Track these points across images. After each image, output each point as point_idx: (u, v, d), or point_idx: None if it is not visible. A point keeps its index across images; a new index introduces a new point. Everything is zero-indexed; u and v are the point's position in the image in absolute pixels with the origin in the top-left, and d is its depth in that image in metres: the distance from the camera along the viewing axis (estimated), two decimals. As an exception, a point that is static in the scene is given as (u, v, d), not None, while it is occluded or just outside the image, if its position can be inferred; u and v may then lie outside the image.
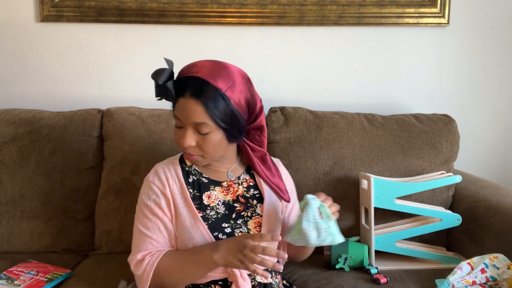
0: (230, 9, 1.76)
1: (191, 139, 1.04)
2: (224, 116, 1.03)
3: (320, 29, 1.79)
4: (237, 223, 1.11)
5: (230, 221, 1.11)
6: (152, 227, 1.09)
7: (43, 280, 1.26)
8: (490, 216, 1.35)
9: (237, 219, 1.11)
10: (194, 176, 1.14)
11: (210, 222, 1.09)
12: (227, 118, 1.04)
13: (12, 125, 1.56)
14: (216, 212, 1.11)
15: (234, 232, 1.09)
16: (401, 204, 1.39)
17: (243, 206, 1.13)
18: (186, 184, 1.11)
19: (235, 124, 1.06)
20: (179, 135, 1.06)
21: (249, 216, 1.13)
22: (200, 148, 1.06)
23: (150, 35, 1.78)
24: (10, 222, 1.50)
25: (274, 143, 1.56)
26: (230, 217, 1.11)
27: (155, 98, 1.07)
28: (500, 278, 1.15)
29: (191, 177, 1.14)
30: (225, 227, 1.10)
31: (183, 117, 1.04)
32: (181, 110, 1.04)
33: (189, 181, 1.13)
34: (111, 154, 1.54)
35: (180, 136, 1.05)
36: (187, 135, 1.04)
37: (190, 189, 1.12)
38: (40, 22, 1.77)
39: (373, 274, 1.27)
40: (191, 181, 1.13)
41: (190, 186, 1.12)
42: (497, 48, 1.83)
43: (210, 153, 1.07)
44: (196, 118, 1.02)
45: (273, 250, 0.96)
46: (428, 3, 1.77)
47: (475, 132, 1.86)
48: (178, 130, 1.07)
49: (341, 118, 1.59)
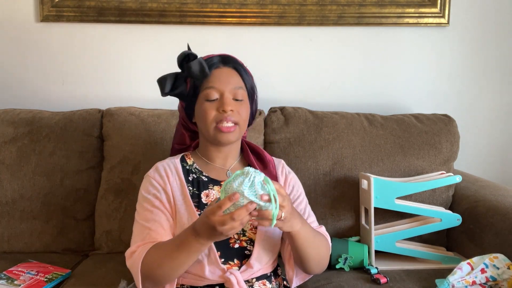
0: (230, 9, 1.76)
1: (232, 103, 1.08)
2: (250, 88, 1.14)
3: (320, 29, 1.79)
4: None
5: None
6: (152, 218, 1.06)
7: (43, 280, 1.26)
8: (490, 216, 1.35)
9: None
10: (194, 174, 1.14)
11: None
12: (252, 91, 1.15)
13: (12, 125, 1.56)
14: None
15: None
16: (401, 204, 1.39)
17: None
18: (186, 182, 1.12)
19: (254, 101, 1.16)
20: (216, 105, 1.08)
21: None
22: (239, 112, 1.09)
23: (150, 35, 1.78)
24: (10, 222, 1.50)
25: (274, 143, 1.56)
26: None
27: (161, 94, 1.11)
28: (500, 278, 1.15)
29: (191, 175, 1.14)
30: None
31: (222, 84, 1.09)
32: (218, 78, 1.09)
33: (189, 179, 1.13)
34: (111, 154, 1.54)
35: (219, 104, 1.08)
36: (228, 99, 1.08)
37: (190, 187, 1.11)
38: (40, 22, 1.77)
39: (373, 274, 1.27)
40: (191, 179, 1.13)
41: (190, 184, 1.12)
42: (497, 48, 1.83)
43: (245, 119, 1.12)
44: (235, 82, 1.10)
45: (242, 212, 0.88)
46: (428, 3, 1.77)
47: (475, 132, 1.86)
48: (211, 104, 1.09)
49: (341, 118, 1.59)
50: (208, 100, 1.09)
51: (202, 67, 1.07)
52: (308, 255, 1.06)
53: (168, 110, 1.61)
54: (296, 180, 1.23)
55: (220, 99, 1.08)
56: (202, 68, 1.08)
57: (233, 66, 1.12)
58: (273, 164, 1.20)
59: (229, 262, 1.06)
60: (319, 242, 1.10)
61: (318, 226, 1.18)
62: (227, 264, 1.06)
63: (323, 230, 1.17)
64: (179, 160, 1.16)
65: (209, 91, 1.09)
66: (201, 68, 1.08)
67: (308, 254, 1.06)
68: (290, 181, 1.20)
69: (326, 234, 1.17)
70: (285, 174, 1.21)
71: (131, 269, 1.04)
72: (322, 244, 1.11)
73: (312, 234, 1.07)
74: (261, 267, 1.08)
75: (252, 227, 1.10)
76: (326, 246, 1.13)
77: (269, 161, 1.19)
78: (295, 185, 1.21)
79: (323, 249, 1.11)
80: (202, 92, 1.10)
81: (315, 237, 1.08)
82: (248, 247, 1.08)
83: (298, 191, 1.20)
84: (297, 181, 1.23)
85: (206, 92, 1.09)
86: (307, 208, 1.20)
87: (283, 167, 1.22)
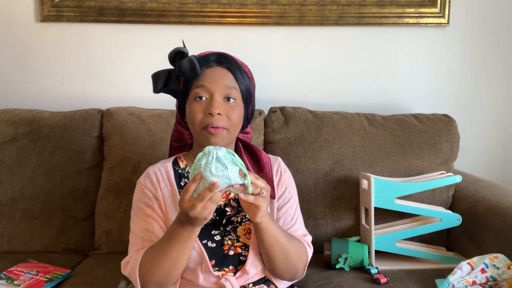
0: (230, 9, 1.76)
1: (220, 106, 1.02)
2: (245, 90, 1.08)
3: (320, 29, 1.79)
4: (226, 230, 1.08)
5: (220, 228, 1.08)
6: (145, 228, 1.05)
7: (43, 280, 1.26)
8: (490, 216, 1.35)
9: (226, 225, 1.08)
10: (186, 179, 1.11)
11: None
12: (247, 93, 1.08)
13: (12, 125, 1.56)
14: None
15: (224, 240, 1.06)
16: (401, 204, 1.39)
17: (234, 211, 1.10)
18: (178, 187, 1.09)
19: (250, 103, 1.11)
20: (203, 106, 1.03)
21: (238, 222, 1.09)
22: (228, 116, 1.03)
23: (150, 35, 1.78)
24: (10, 222, 1.50)
25: (274, 143, 1.56)
26: (220, 223, 1.08)
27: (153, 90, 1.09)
28: (500, 278, 1.15)
29: (183, 180, 1.11)
30: (215, 235, 1.07)
31: (212, 84, 1.03)
32: (209, 77, 1.04)
33: (181, 184, 1.10)
34: (111, 154, 1.54)
35: (206, 106, 1.02)
36: (216, 101, 1.02)
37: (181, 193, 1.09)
38: (40, 22, 1.77)
39: (373, 274, 1.27)
40: (183, 184, 1.10)
41: (182, 189, 1.05)
42: (497, 48, 1.83)
43: (235, 123, 1.05)
44: (226, 82, 1.05)
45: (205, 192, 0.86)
46: (428, 3, 1.77)
47: (475, 132, 1.86)
48: (199, 104, 1.03)
49: (341, 118, 1.59)
50: (197, 98, 1.04)
51: (192, 65, 1.03)
52: (274, 255, 1.01)
53: (168, 110, 1.61)
54: (290, 182, 1.18)
55: (209, 100, 1.03)
56: (192, 66, 1.03)
57: (227, 66, 1.07)
58: (270, 165, 1.14)
59: (224, 268, 1.04)
60: (291, 247, 1.04)
61: (303, 235, 1.13)
62: (222, 271, 1.04)
63: (307, 239, 1.12)
64: (171, 164, 1.13)
65: (198, 90, 1.04)
66: (191, 67, 1.03)
67: (275, 254, 1.01)
68: (284, 181, 1.15)
69: (309, 244, 1.11)
70: (280, 174, 1.16)
71: (129, 277, 1.02)
72: (296, 250, 1.05)
73: (283, 234, 1.02)
74: (257, 272, 1.06)
75: (246, 233, 1.08)
76: (300, 254, 1.07)
77: (266, 163, 1.13)
78: (288, 186, 1.16)
79: (293, 256, 1.04)
80: (192, 91, 1.05)
81: (288, 239, 1.03)
82: (243, 253, 1.06)
83: (289, 193, 1.15)
84: (291, 183, 1.18)
85: (196, 90, 1.04)
86: (295, 213, 1.14)
87: (278, 165, 1.17)
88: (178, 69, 1.04)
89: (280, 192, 1.14)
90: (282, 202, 1.13)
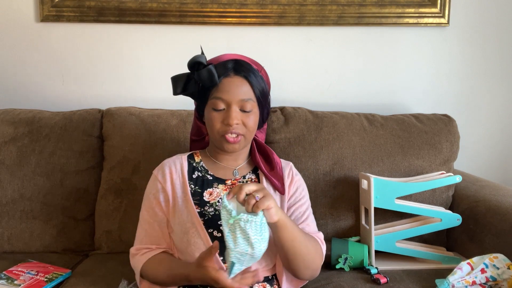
0: (230, 9, 1.76)
1: (237, 115, 1.08)
2: (261, 95, 1.12)
3: (320, 29, 1.79)
4: None
5: None
6: (148, 220, 1.14)
7: (43, 280, 1.26)
8: (490, 216, 1.35)
9: None
10: (199, 172, 1.17)
11: (206, 218, 1.09)
12: (263, 98, 1.13)
13: (12, 125, 1.56)
14: (214, 209, 1.11)
15: None
16: (401, 204, 1.39)
17: None
18: (189, 179, 1.15)
19: (266, 106, 1.16)
20: (222, 116, 1.09)
21: None
22: (244, 124, 1.10)
23: (150, 35, 1.78)
24: (10, 222, 1.50)
25: (274, 143, 1.56)
26: None
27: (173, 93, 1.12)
28: (500, 278, 1.15)
29: (196, 173, 1.17)
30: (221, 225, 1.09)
31: (229, 96, 1.08)
32: (227, 89, 1.08)
33: (192, 177, 1.16)
34: (111, 154, 1.54)
35: (225, 116, 1.09)
36: (234, 112, 1.08)
37: (192, 185, 1.14)
38: (40, 22, 1.77)
39: (373, 274, 1.27)
40: (195, 177, 1.16)
41: (193, 182, 1.15)
42: (497, 48, 1.83)
43: (251, 131, 1.12)
44: (243, 95, 1.09)
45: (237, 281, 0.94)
46: (428, 3, 1.77)
47: (475, 132, 1.86)
48: (218, 114, 1.09)
49: (341, 118, 1.59)
50: (215, 109, 1.10)
51: (211, 75, 1.08)
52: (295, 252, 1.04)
53: (168, 110, 1.61)
54: (302, 183, 1.24)
55: (227, 110, 1.09)
56: (211, 77, 1.08)
57: (244, 75, 1.10)
58: (280, 166, 1.21)
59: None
60: (309, 242, 1.07)
61: (316, 232, 1.16)
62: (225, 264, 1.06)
63: (319, 235, 1.15)
64: (186, 157, 1.19)
65: (216, 102, 1.09)
66: (210, 77, 1.08)
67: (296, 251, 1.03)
68: (296, 182, 1.21)
69: (322, 240, 1.15)
70: (292, 176, 1.22)
71: (133, 268, 1.12)
72: (313, 246, 1.09)
73: (300, 230, 1.05)
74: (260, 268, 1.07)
75: None
76: (317, 249, 1.11)
77: (277, 164, 1.20)
78: (299, 187, 1.22)
79: (312, 250, 1.08)
80: (210, 100, 1.11)
81: (305, 236, 1.06)
82: None
83: (301, 194, 1.21)
84: (303, 184, 1.24)
85: (214, 101, 1.10)
86: (307, 211, 1.19)
87: (290, 169, 1.24)
88: (197, 77, 1.09)
89: (291, 192, 1.19)
90: (293, 201, 1.19)
